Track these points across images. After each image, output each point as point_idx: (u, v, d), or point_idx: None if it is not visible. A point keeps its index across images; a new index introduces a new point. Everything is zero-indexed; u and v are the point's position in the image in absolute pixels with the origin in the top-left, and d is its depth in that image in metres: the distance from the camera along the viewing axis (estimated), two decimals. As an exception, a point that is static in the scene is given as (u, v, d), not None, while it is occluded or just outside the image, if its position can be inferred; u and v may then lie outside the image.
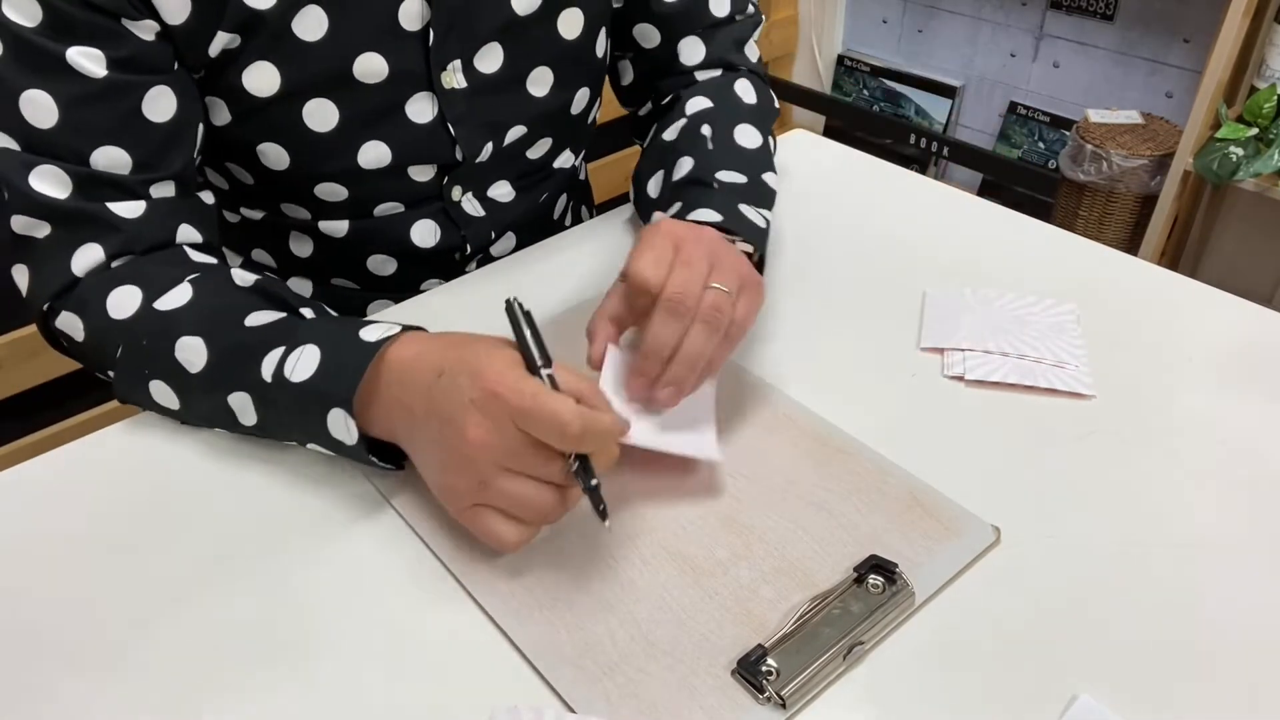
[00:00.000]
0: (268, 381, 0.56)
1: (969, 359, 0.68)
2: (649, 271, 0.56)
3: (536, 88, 0.76)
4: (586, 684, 0.47)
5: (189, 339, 0.58)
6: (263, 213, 0.77)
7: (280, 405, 0.56)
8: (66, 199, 0.60)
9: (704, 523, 0.56)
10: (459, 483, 0.51)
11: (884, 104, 2.51)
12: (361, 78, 0.68)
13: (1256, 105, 1.73)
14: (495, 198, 0.81)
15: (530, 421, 0.48)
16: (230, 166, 0.73)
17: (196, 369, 0.58)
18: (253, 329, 0.58)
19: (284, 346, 0.56)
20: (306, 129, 0.68)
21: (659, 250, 0.58)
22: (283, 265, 0.81)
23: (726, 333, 0.58)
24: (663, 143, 0.78)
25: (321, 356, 0.55)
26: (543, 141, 0.81)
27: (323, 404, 0.54)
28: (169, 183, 0.64)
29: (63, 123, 0.59)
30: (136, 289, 0.60)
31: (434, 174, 0.76)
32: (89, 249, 0.61)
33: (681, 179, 0.73)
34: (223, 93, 0.66)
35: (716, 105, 0.79)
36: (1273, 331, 0.71)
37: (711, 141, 0.75)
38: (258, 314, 0.59)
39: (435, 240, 0.79)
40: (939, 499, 0.57)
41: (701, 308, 0.56)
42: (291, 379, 0.55)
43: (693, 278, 0.57)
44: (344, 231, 0.77)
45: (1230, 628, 0.50)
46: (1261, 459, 0.60)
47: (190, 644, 0.50)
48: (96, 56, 0.59)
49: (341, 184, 0.73)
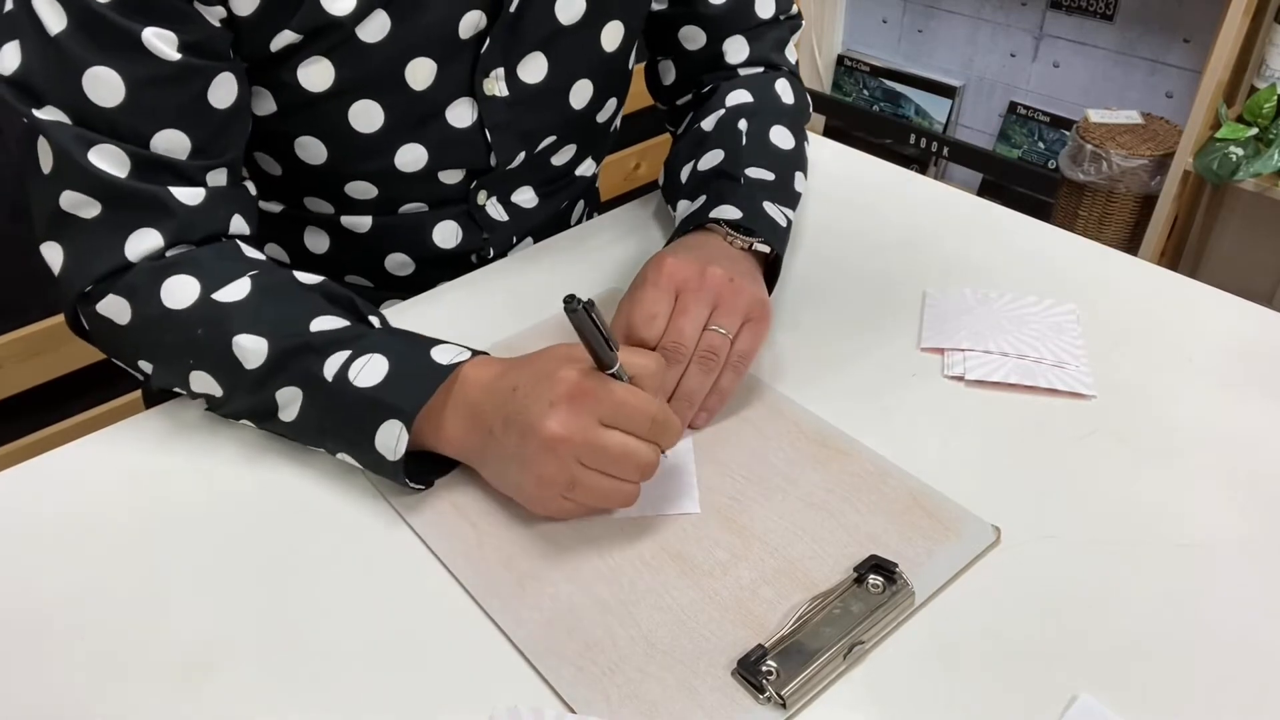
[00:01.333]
0: (328, 380, 0.56)
1: (969, 359, 0.68)
2: (645, 331, 0.60)
3: (577, 99, 0.77)
4: (586, 684, 0.47)
5: (248, 338, 0.57)
6: (282, 206, 0.77)
7: (333, 406, 0.56)
8: (126, 178, 0.58)
9: (704, 523, 0.56)
10: (548, 479, 0.53)
11: (884, 104, 2.51)
12: (411, 83, 0.68)
13: (1256, 105, 1.73)
14: (519, 203, 0.82)
15: (619, 416, 0.52)
16: (259, 156, 0.73)
17: (253, 365, 0.57)
18: (319, 332, 0.58)
19: (350, 350, 0.57)
20: (350, 128, 0.68)
21: (657, 303, 0.61)
22: (296, 261, 0.81)
23: (730, 365, 0.61)
24: (699, 131, 0.80)
25: (390, 368, 0.56)
26: (568, 149, 0.81)
27: (380, 414, 0.55)
28: (223, 170, 0.63)
29: (128, 102, 0.57)
30: (194, 279, 0.59)
31: (462, 177, 0.76)
32: (145, 234, 0.59)
33: (710, 170, 0.74)
34: (273, 85, 0.66)
35: (756, 101, 0.80)
36: (1273, 331, 0.71)
37: (746, 137, 0.76)
38: (324, 318, 0.59)
39: (456, 242, 0.79)
40: (939, 499, 0.57)
41: (698, 350, 0.60)
42: (355, 383, 0.56)
43: (689, 324, 0.60)
44: (366, 227, 0.76)
45: (1230, 628, 0.50)
46: (1261, 459, 0.60)
47: (190, 643, 0.50)
48: (170, 39, 0.58)
49: (373, 183, 0.72)
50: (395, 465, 0.55)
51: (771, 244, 0.68)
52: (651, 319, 0.60)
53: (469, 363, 0.56)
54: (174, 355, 0.60)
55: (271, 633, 0.51)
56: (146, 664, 0.49)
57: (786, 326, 0.72)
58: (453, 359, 0.56)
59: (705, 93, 0.85)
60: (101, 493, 0.59)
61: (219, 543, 0.56)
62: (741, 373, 0.62)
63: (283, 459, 0.60)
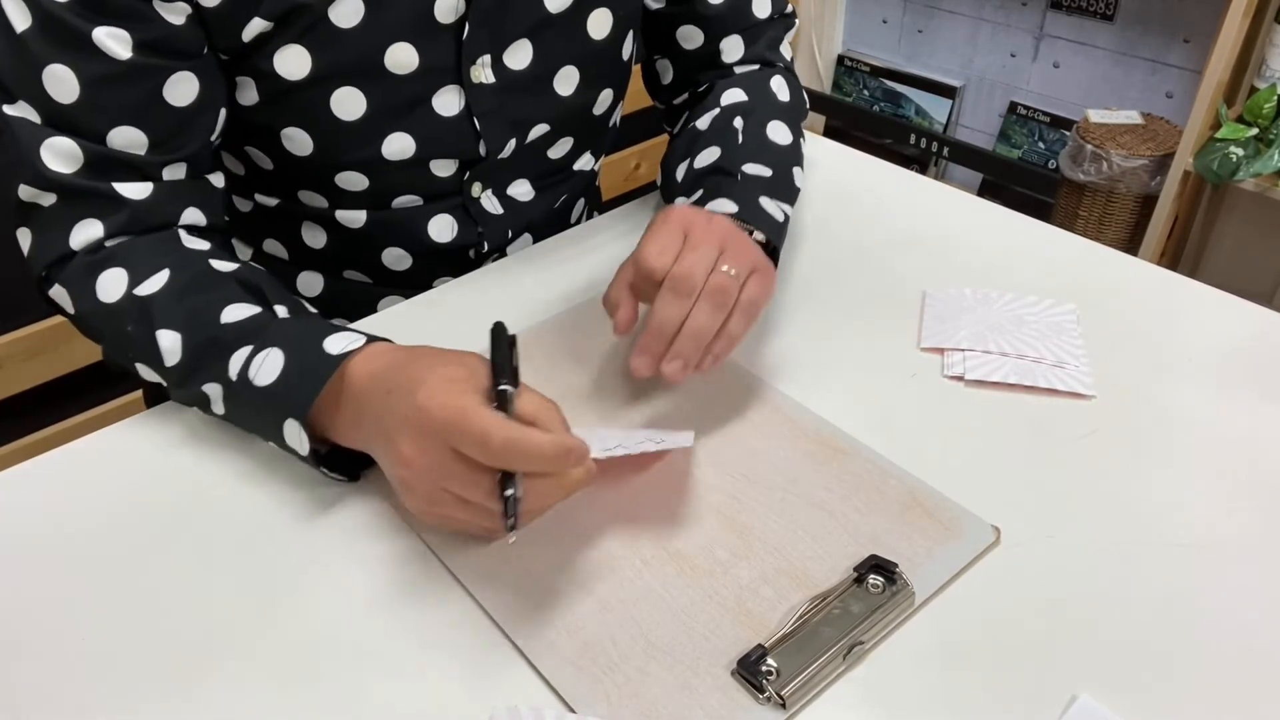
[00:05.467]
0: (233, 380, 0.57)
1: (969, 359, 0.68)
2: (655, 260, 0.58)
3: (563, 86, 0.76)
4: (586, 684, 0.47)
5: (166, 333, 0.59)
6: (277, 200, 0.77)
7: (243, 404, 0.58)
8: (74, 174, 0.60)
9: (704, 523, 0.56)
10: (409, 504, 0.52)
11: (884, 104, 2.51)
12: (392, 68, 0.68)
13: (1256, 105, 1.73)
14: (515, 196, 0.81)
15: (455, 435, 0.48)
16: (250, 150, 0.73)
17: (172, 362, 0.59)
18: (226, 325, 0.58)
19: (252, 346, 0.57)
20: (333, 116, 0.68)
21: (667, 238, 0.60)
22: (295, 256, 0.81)
23: (739, 309, 0.59)
24: (694, 130, 0.80)
25: (284, 363, 0.56)
26: (564, 141, 0.81)
27: (280, 412, 0.55)
28: (181, 165, 0.64)
29: (82, 100, 0.59)
30: (123, 272, 0.61)
31: (455, 169, 0.76)
32: (89, 224, 0.62)
33: (706, 167, 0.74)
34: (252, 74, 0.66)
35: (751, 99, 0.80)
36: (1273, 331, 0.71)
37: (742, 134, 0.76)
38: (233, 308, 0.59)
39: (452, 236, 0.79)
40: (939, 499, 0.57)
41: (707, 286, 0.58)
42: (254, 381, 0.56)
43: (699, 261, 0.58)
44: (361, 222, 0.76)
45: (1230, 627, 0.50)
46: (1261, 459, 0.60)
47: (187, 645, 0.50)
48: (123, 38, 0.59)
49: (363, 173, 0.72)
50: (308, 460, 0.55)
51: (769, 237, 0.68)
52: (661, 251, 0.59)
53: (359, 354, 0.55)
54: (115, 347, 0.62)
55: (270, 633, 0.51)
56: (145, 664, 0.49)
57: (787, 326, 0.72)
58: (342, 348, 0.56)
59: (701, 92, 0.85)
60: (101, 493, 0.59)
61: (218, 542, 0.56)
62: (750, 320, 0.60)
63: (282, 459, 0.60)
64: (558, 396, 0.66)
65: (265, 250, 0.82)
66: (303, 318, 0.61)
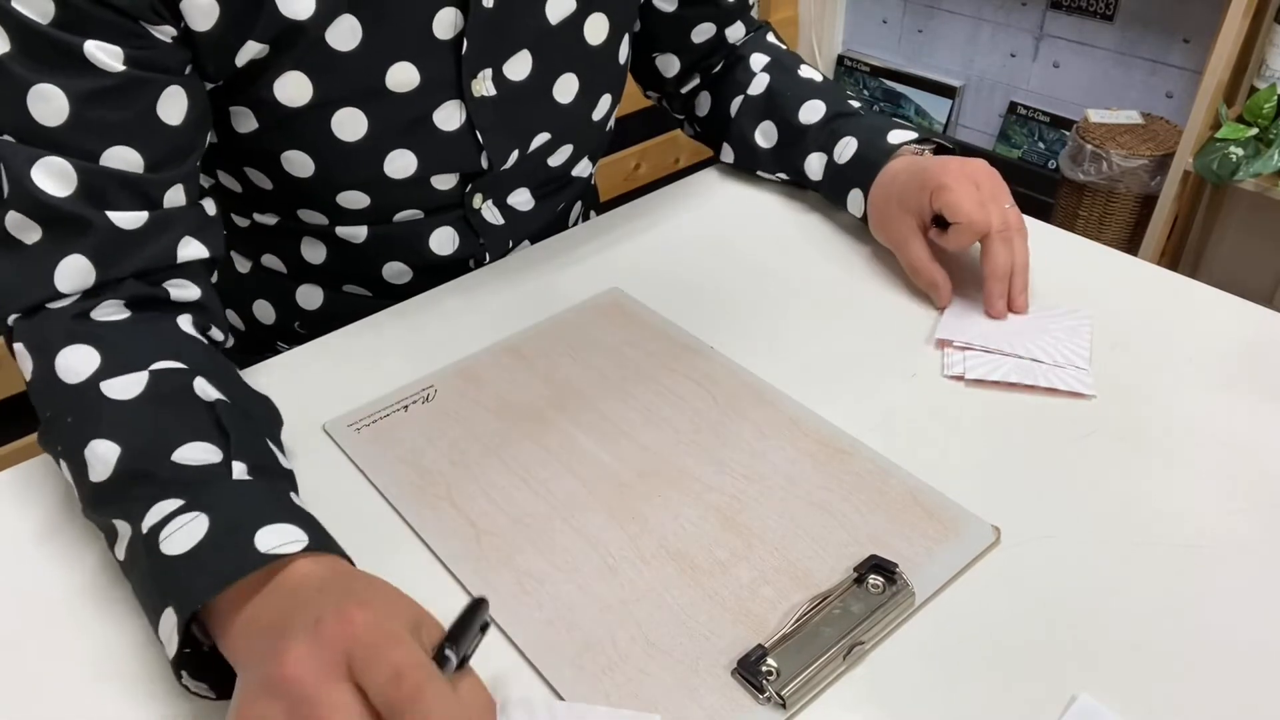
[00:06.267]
0: (143, 531, 0.48)
1: (969, 359, 0.68)
2: (978, 215, 0.69)
3: (562, 94, 0.76)
4: (586, 684, 0.47)
5: (106, 443, 0.51)
6: (277, 218, 0.76)
7: (137, 562, 0.48)
8: (67, 198, 0.55)
9: (704, 523, 0.56)
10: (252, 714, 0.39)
11: (884, 104, 2.51)
12: (393, 88, 0.67)
13: (1256, 105, 1.73)
14: (515, 206, 0.81)
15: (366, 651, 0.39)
16: (248, 171, 0.72)
17: (98, 478, 0.51)
18: (174, 464, 0.50)
19: (183, 501, 0.48)
20: (335, 139, 0.67)
21: (971, 194, 0.70)
22: (293, 270, 0.80)
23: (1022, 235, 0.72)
24: (755, 98, 0.87)
25: (202, 538, 0.46)
26: (564, 149, 0.81)
27: (164, 594, 0.45)
28: (178, 187, 0.60)
29: (74, 119, 0.55)
30: (95, 354, 0.54)
31: (456, 182, 0.75)
32: (76, 261, 0.56)
33: (823, 119, 0.83)
34: (250, 102, 0.65)
35: (773, 59, 0.89)
36: (1273, 331, 0.71)
37: (815, 82, 0.87)
38: (190, 447, 0.51)
39: (454, 248, 0.79)
40: (939, 499, 0.57)
41: (1010, 228, 0.71)
42: (160, 546, 0.46)
43: (998, 209, 0.70)
44: (362, 238, 0.76)
45: (1230, 628, 0.50)
46: (1261, 459, 0.60)
47: (190, 644, 0.50)
48: (114, 52, 0.56)
49: (364, 192, 0.72)
50: (174, 661, 0.44)
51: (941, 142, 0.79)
52: (977, 205, 0.69)
53: (299, 557, 0.46)
54: (48, 432, 0.55)
55: (271, 632, 0.51)
56: (145, 664, 0.49)
57: (787, 326, 0.72)
58: (273, 548, 0.45)
59: (718, 73, 0.91)
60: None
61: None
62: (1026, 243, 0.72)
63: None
64: (556, 396, 0.66)
65: (264, 264, 0.81)
66: (255, 487, 0.50)
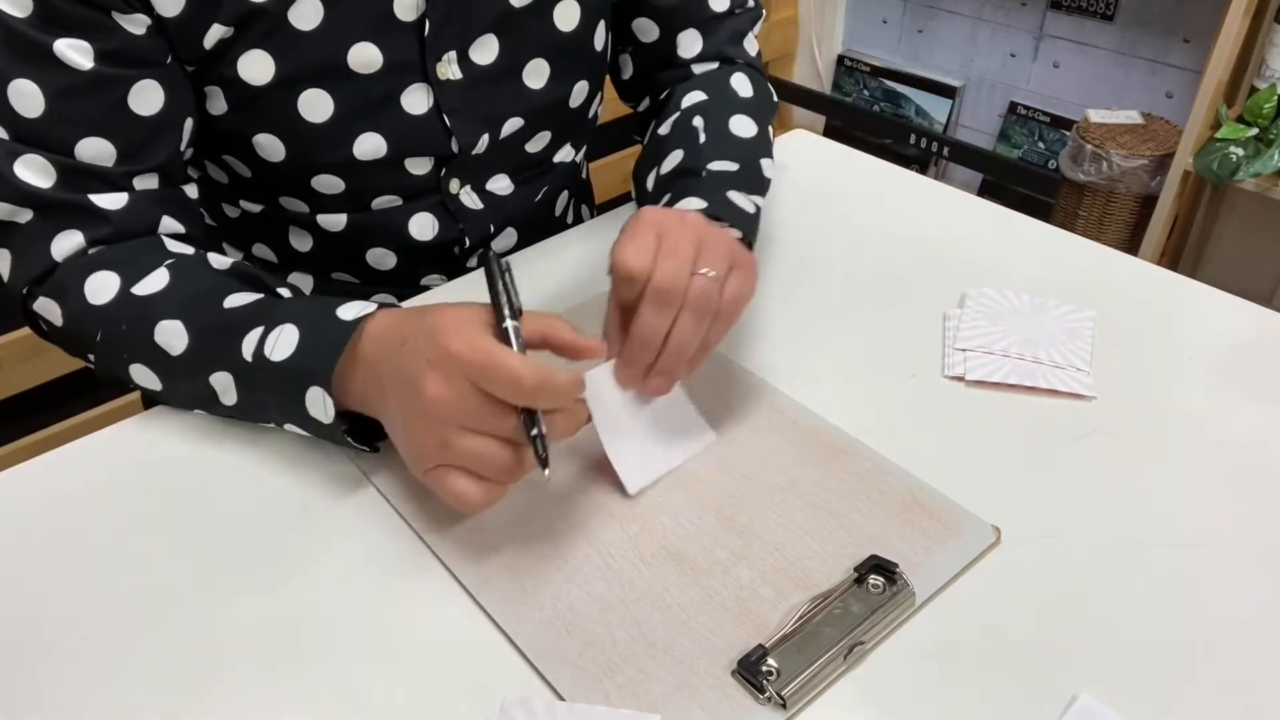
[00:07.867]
0: (249, 361, 0.57)
1: (969, 359, 0.68)
2: (634, 261, 0.55)
3: (533, 80, 0.76)
4: (586, 684, 0.47)
5: (168, 323, 0.59)
6: (261, 206, 0.77)
7: (260, 384, 0.58)
8: (50, 188, 0.60)
9: (704, 523, 0.56)
10: (421, 442, 0.51)
11: (884, 104, 2.51)
12: (356, 68, 0.68)
13: (1256, 105, 1.73)
14: (494, 191, 0.81)
15: (484, 377, 0.48)
16: (228, 159, 0.73)
17: (178, 351, 0.59)
18: (232, 310, 0.59)
19: (263, 326, 0.57)
20: (301, 119, 0.68)
21: (642, 239, 0.57)
22: (283, 259, 0.81)
23: (720, 313, 0.57)
24: (658, 138, 0.79)
25: (300, 335, 0.56)
26: (541, 135, 0.81)
27: (301, 382, 0.55)
28: (152, 175, 0.65)
29: (49, 113, 0.59)
30: (114, 274, 0.61)
31: (431, 166, 0.76)
32: (69, 235, 0.62)
33: (671, 171, 0.73)
34: (218, 82, 0.67)
35: (711, 98, 0.79)
36: (1273, 331, 0.71)
37: (704, 133, 0.75)
38: (236, 295, 0.60)
39: (433, 234, 0.79)
40: (939, 499, 0.57)
41: (689, 295, 0.55)
42: (271, 358, 0.56)
43: (679, 265, 0.56)
44: (342, 225, 0.77)
45: (1230, 627, 0.50)
46: (1261, 459, 0.60)
47: (188, 644, 0.50)
48: (84, 49, 0.59)
49: (338, 176, 0.73)
50: (332, 428, 0.55)
51: (742, 231, 0.67)
52: (638, 252, 0.56)
53: (372, 316, 0.56)
54: (107, 349, 0.62)
55: (271, 632, 0.51)
56: (145, 663, 0.49)
57: (787, 326, 0.72)
58: (357, 314, 0.56)
59: (663, 99, 0.84)
60: (101, 493, 0.59)
61: (218, 543, 0.56)
62: (731, 322, 0.58)
63: (282, 460, 0.60)
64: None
65: (254, 254, 0.83)
66: (307, 297, 0.61)
